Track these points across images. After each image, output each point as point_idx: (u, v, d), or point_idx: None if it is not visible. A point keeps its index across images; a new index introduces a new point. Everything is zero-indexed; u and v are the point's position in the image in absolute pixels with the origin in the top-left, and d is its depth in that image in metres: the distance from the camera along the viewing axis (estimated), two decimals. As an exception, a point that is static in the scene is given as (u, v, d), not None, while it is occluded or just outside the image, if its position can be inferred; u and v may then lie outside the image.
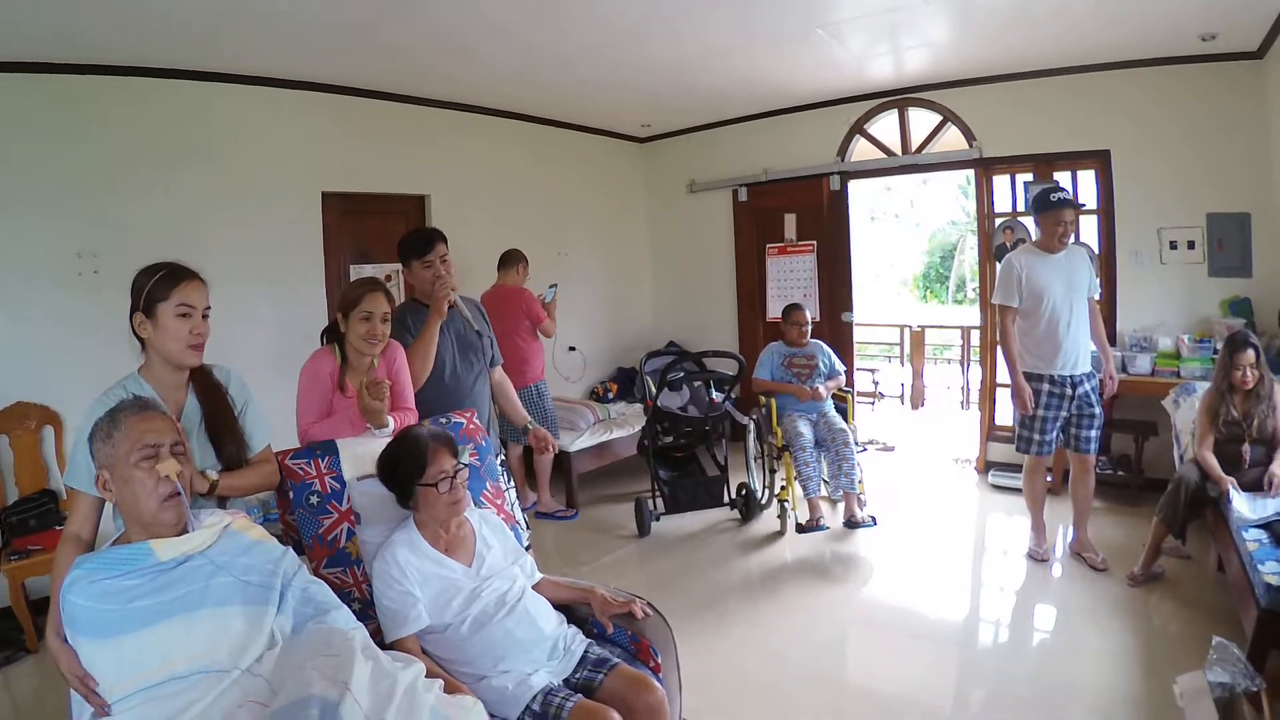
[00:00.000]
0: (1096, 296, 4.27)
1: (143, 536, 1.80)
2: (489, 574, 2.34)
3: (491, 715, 1.95)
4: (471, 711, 1.82)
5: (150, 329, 2.09)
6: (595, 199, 7.26)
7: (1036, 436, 4.21)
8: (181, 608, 1.74)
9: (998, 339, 4.25)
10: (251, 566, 1.88)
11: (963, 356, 9.76)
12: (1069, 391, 4.14)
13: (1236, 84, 4.91)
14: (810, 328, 5.16)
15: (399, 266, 5.50)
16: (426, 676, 1.87)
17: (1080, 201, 4.07)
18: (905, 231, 20.02)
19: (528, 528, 3.19)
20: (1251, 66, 4.85)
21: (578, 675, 2.25)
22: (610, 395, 6.84)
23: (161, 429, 1.85)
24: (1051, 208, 4.06)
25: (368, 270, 5.27)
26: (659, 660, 2.41)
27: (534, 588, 2.44)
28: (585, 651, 2.33)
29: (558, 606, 2.47)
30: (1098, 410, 4.18)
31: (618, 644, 2.47)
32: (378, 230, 5.49)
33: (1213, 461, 3.70)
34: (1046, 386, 4.15)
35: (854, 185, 6.68)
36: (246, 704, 1.68)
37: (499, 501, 2.79)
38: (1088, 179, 5.53)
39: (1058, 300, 4.08)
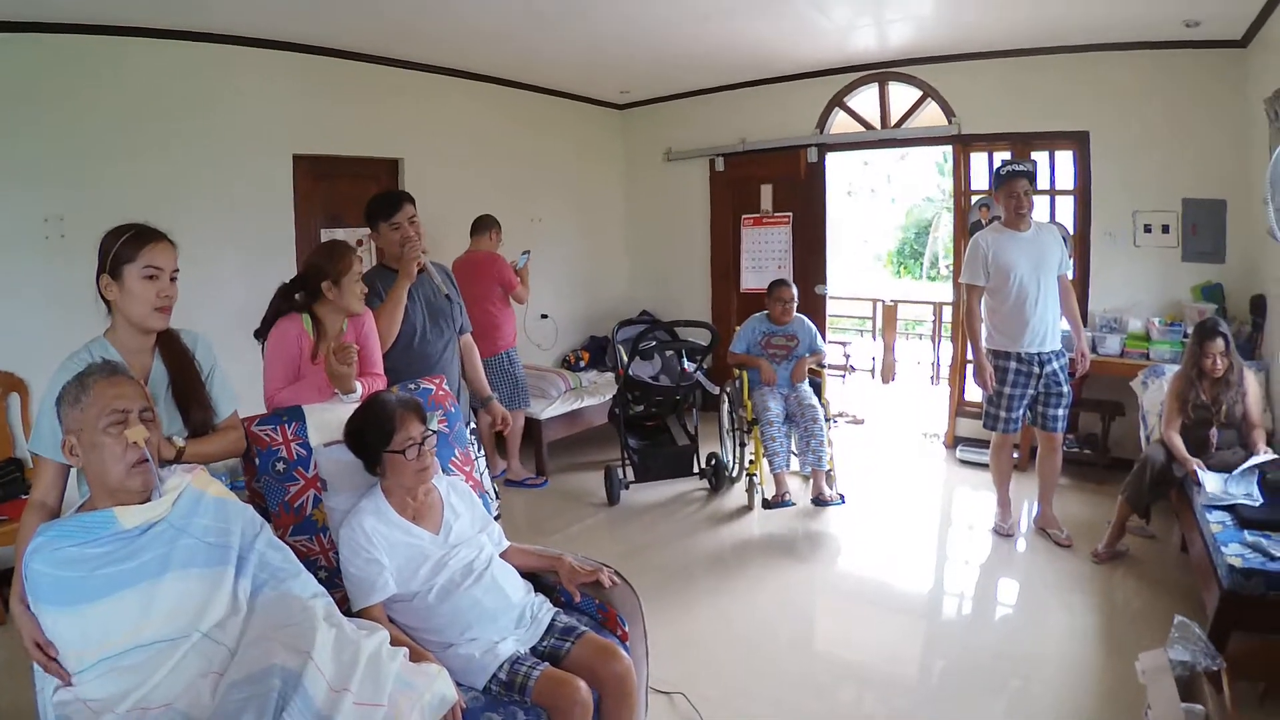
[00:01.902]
0: (1069, 274, 4.29)
1: (108, 503, 1.77)
2: (456, 542, 2.32)
3: (458, 683, 1.95)
4: (436, 679, 1.82)
5: (116, 291, 2.03)
6: (571, 165, 7.18)
7: (1003, 414, 4.25)
8: (145, 575, 1.71)
9: (964, 317, 4.26)
10: (209, 527, 1.86)
11: (934, 332, 9.81)
12: (1036, 370, 4.17)
13: (1218, 71, 4.92)
14: (794, 304, 5.11)
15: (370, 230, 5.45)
16: (391, 645, 1.86)
17: (1034, 172, 4.07)
18: (881, 206, 20.04)
19: (496, 496, 3.18)
20: (1234, 55, 4.85)
21: (545, 643, 2.25)
22: (582, 363, 6.81)
23: (130, 394, 1.81)
24: (1004, 180, 4.11)
25: (340, 234, 5.18)
26: (626, 629, 2.42)
27: (501, 556, 2.44)
28: (552, 620, 2.33)
29: (525, 574, 2.47)
30: (1065, 389, 4.22)
31: (585, 612, 2.48)
32: (350, 193, 5.38)
33: (1179, 444, 3.76)
34: (1014, 364, 4.18)
35: (832, 158, 6.66)
36: (209, 675, 1.67)
37: (467, 469, 2.77)
38: (1065, 159, 5.54)
39: (1024, 278, 4.10)
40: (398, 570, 2.19)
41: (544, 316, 6.75)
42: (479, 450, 3.09)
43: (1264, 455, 3.53)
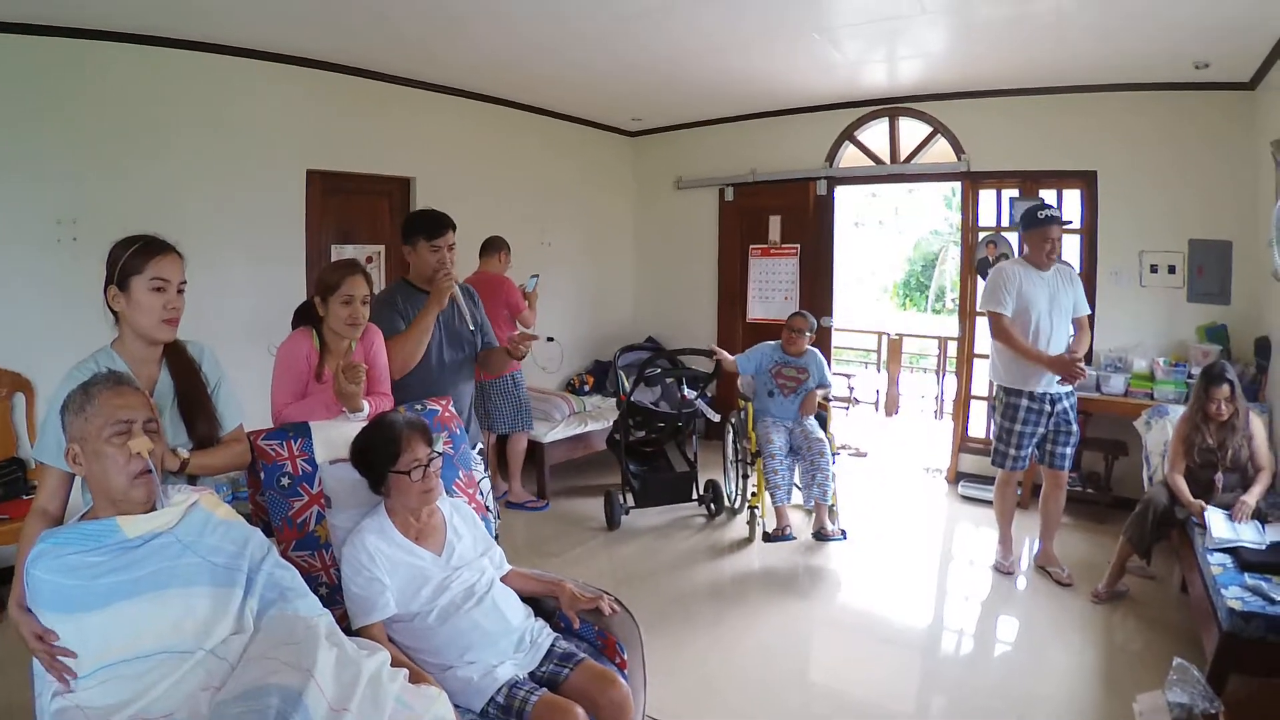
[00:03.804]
0: (1086, 313, 4.28)
1: (111, 513, 1.77)
2: (458, 564, 2.33)
3: (456, 706, 1.95)
4: (436, 701, 1.82)
5: (124, 302, 2.05)
6: (582, 190, 7.23)
7: (1012, 451, 4.24)
8: (147, 586, 1.72)
9: (998, 343, 4.22)
10: (218, 547, 1.86)
11: (939, 366, 9.82)
12: (1047, 408, 4.17)
13: (1227, 113, 4.97)
14: (810, 336, 5.10)
15: (380, 248, 5.48)
16: (391, 665, 1.86)
17: (1066, 219, 4.07)
18: (888, 239, 20.09)
19: (498, 516, 3.18)
20: (1243, 97, 4.91)
21: (543, 669, 2.25)
22: (586, 388, 6.83)
23: (135, 405, 1.82)
24: (1039, 224, 4.09)
25: (349, 251, 5.22)
26: (625, 657, 2.41)
27: (502, 579, 2.44)
28: (552, 645, 2.32)
29: (525, 599, 2.47)
30: (1074, 428, 4.22)
31: (584, 639, 2.47)
32: (361, 211, 5.45)
33: (1183, 486, 3.76)
34: (1025, 402, 4.18)
35: (840, 191, 6.71)
36: (209, 688, 1.66)
37: (471, 491, 2.77)
38: (1073, 198, 5.59)
39: (1042, 316, 4.11)
40: (399, 590, 2.19)
41: (550, 340, 6.76)
42: (485, 471, 3.10)
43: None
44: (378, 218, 5.57)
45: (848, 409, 8.94)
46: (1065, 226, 4.12)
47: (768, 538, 4.67)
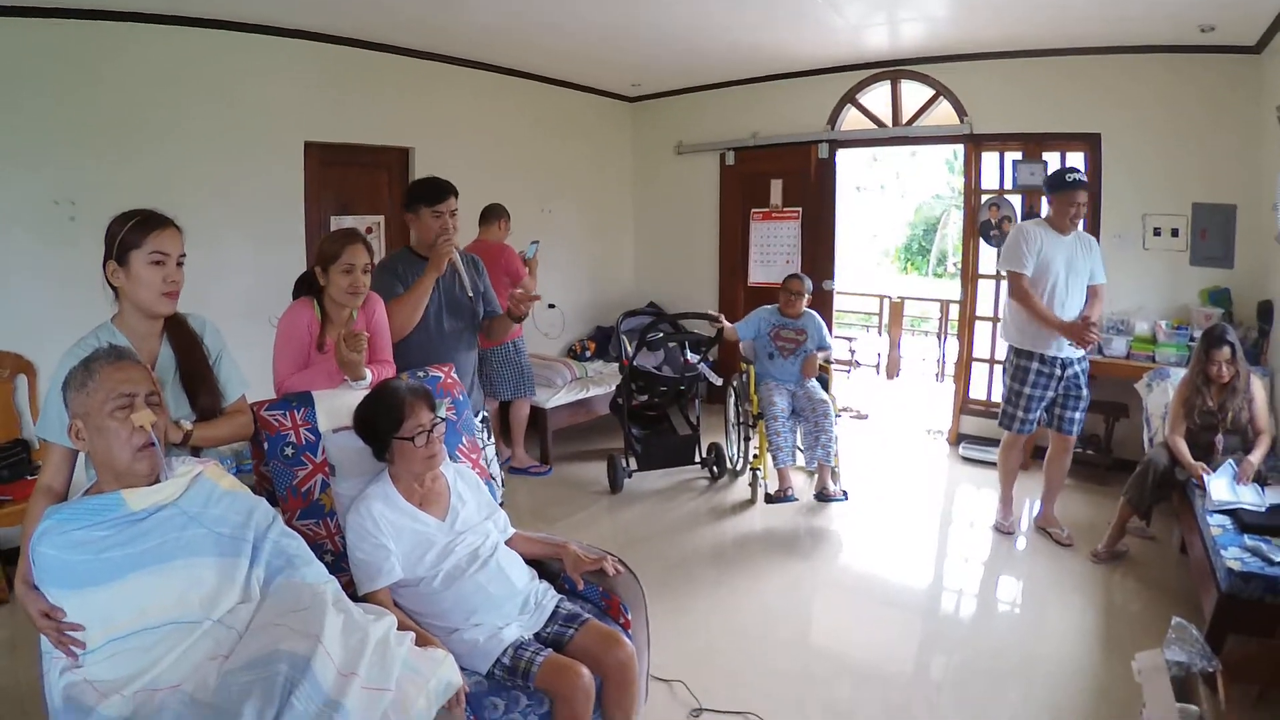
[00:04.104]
0: (1101, 282, 4.23)
1: (115, 487, 1.78)
2: (463, 528, 2.35)
3: (463, 668, 1.97)
4: (442, 664, 1.84)
5: (123, 277, 2.05)
6: (582, 157, 7.19)
7: (1020, 414, 4.25)
8: (153, 559, 1.72)
9: (1014, 303, 4.20)
10: (223, 518, 1.87)
11: (940, 329, 9.83)
12: (1058, 372, 4.16)
13: (1232, 77, 4.91)
14: (808, 298, 5.11)
15: (380, 219, 5.47)
16: (398, 630, 1.89)
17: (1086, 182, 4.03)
18: (890, 203, 19.99)
19: (502, 484, 3.21)
20: (1248, 60, 4.85)
21: (548, 630, 2.28)
22: (588, 353, 6.84)
23: (137, 378, 1.82)
24: (1066, 188, 4.05)
25: (348, 222, 5.20)
26: (629, 617, 2.45)
27: (506, 543, 2.47)
28: (556, 607, 2.36)
29: (529, 561, 2.50)
30: (1085, 392, 4.22)
31: (588, 600, 2.51)
32: (360, 182, 5.42)
33: (1183, 448, 3.77)
34: (1036, 364, 4.17)
35: (842, 154, 6.66)
36: (217, 658, 1.68)
37: (474, 456, 2.79)
38: (1076, 160, 5.51)
39: (1059, 280, 4.08)
40: (404, 556, 2.21)
41: (551, 306, 6.77)
42: (488, 438, 3.11)
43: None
44: (377, 189, 5.54)
45: (849, 372, 8.97)
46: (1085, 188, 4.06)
47: (770, 499, 4.72)
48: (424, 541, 2.26)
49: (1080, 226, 4.16)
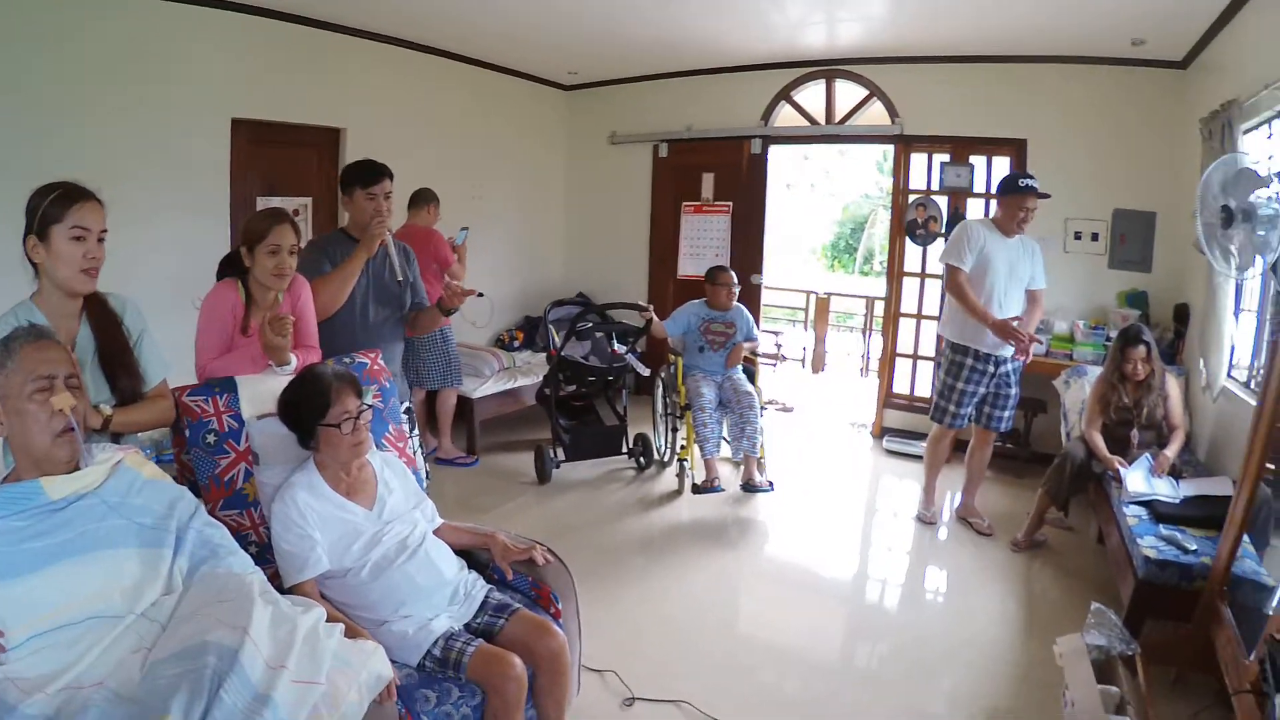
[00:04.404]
0: (1040, 287, 4.34)
1: (33, 474, 1.71)
2: (390, 518, 2.32)
3: (393, 661, 1.94)
4: (373, 656, 1.81)
5: (43, 253, 1.98)
6: (515, 143, 7.10)
7: (952, 409, 4.35)
8: (74, 550, 1.66)
9: (951, 296, 4.29)
10: (144, 507, 1.81)
11: (865, 325, 10.03)
12: (992, 369, 4.27)
13: (1159, 89, 5.13)
14: (736, 291, 5.16)
15: (308, 200, 5.32)
16: (327, 621, 1.84)
17: (1045, 193, 4.14)
18: (819, 201, 20.29)
19: (428, 475, 3.16)
20: (1175, 75, 5.07)
21: (479, 620, 2.27)
22: (516, 343, 6.77)
23: (57, 359, 1.76)
24: (1018, 192, 4.12)
25: (276, 203, 5.03)
26: (559, 606, 2.45)
27: (434, 533, 2.44)
28: (486, 597, 2.34)
29: (458, 552, 2.48)
30: (1015, 390, 4.34)
31: (518, 590, 2.50)
32: (288, 162, 5.25)
33: (1100, 442, 3.94)
34: (970, 360, 4.27)
35: (775, 151, 6.74)
36: (141, 651, 1.63)
37: (401, 445, 2.75)
38: (1002, 165, 5.71)
39: (997, 281, 4.17)
40: (330, 546, 2.17)
41: (479, 295, 6.64)
42: (413, 429, 3.07)
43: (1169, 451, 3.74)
44: (306, 169, 5.38)
45: (775, 365, 9.08)
46: (1045, 198, 4.17)
47: (697, 489, 4.75)
48: (351, 531, 2.22)
49: (1025, 230, 4.26)
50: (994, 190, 5.46)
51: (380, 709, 1.78)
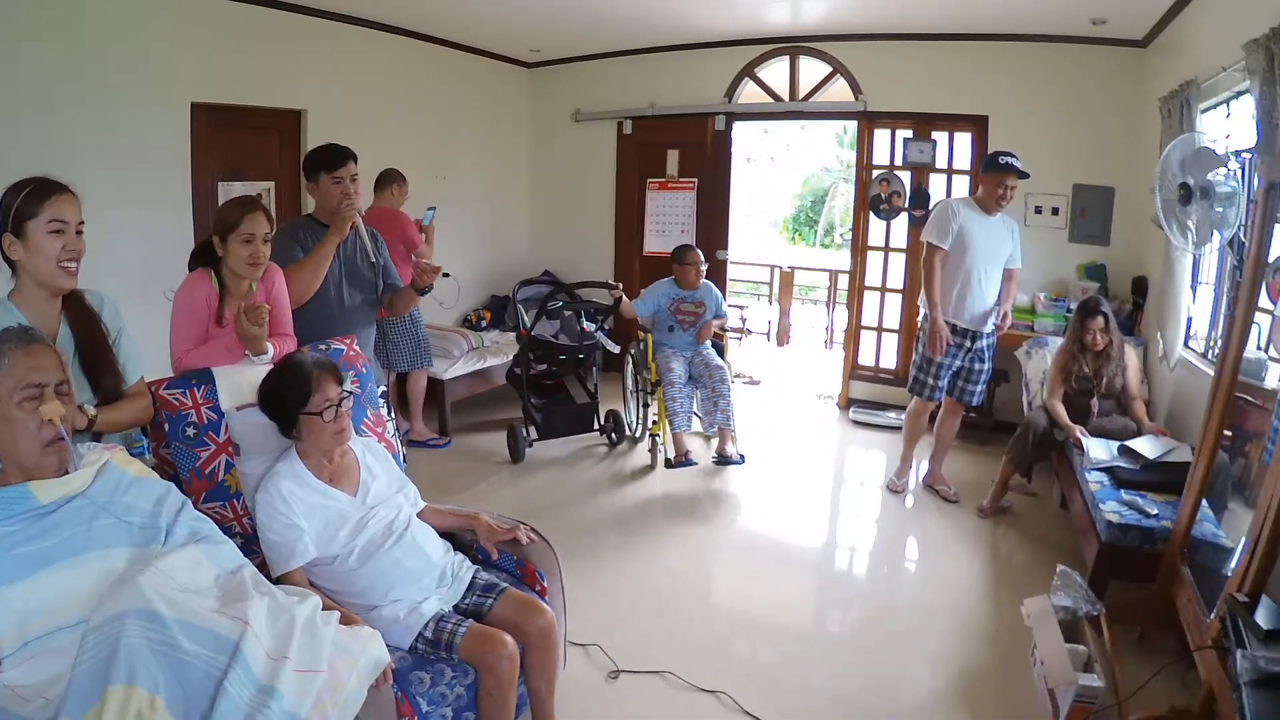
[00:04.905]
0: (1017, 266, 4.43)
1: (20, 478, 1.69)
2: (375, 503, 2.33)
3: (386, 645, 1.95)
4: (371, 641, 1.83)
5: (21, 250, 1.95)
6: (478, 122, 7.04)
7: (931, 381, 4.44)
8: (65, 553, 1.64)
9: (922, 275, 4.39)
10: (133, 506, 1.80)
11: (829, 298, 10.13)
12: (968, 344, 4.37)
13: (1119, 68, 5.23)
14: (703, 269, 5.18)
15: (271, 185, 5.24)
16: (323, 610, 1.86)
17: (1026, 173, 4.22)
18: (779, 175, 20.36)
19: (404, 459, 3.17)
20: (1135, 54, 5.18)
21: (467, 601, 2.30)
22: (484, 323, 6.75)
23: (47, 366, 1.73)
24: (997, 169, 4.18)
25: (238, 188, 4.95)
26: (545, 584, 2.49)
27: (418, 516, 2.45)
28: (473, 578, 2.38)
29: (442, 534, 2.49)
30: (988, 365, 4.45)
31: (503, 569, 2.55)
32: (250, 146, 5.16)
33: (1061, 411, 4.05)
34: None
35: (738, 127, 6.77)
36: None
37: (380, 430, 2.76)
38: (964, 141, 5.81)
39: (978, 257, 4.25)
40: (317, 534, 2.18)
41: (446, 275, 6.61)
42: (389, 413, 3.07)
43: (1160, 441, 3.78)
44: (267, 153, 5.29)
45: (740, 339, 9.15)
46: (1025, 178, 4.25)
47: (670, 464, 4.81)
48: (337, 518, 2.23)
49: (941, 197, 4.33)
50: (974, 168, 5.60)
51: (377, 693, 1.81)
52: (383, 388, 3.22)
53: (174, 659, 1.51)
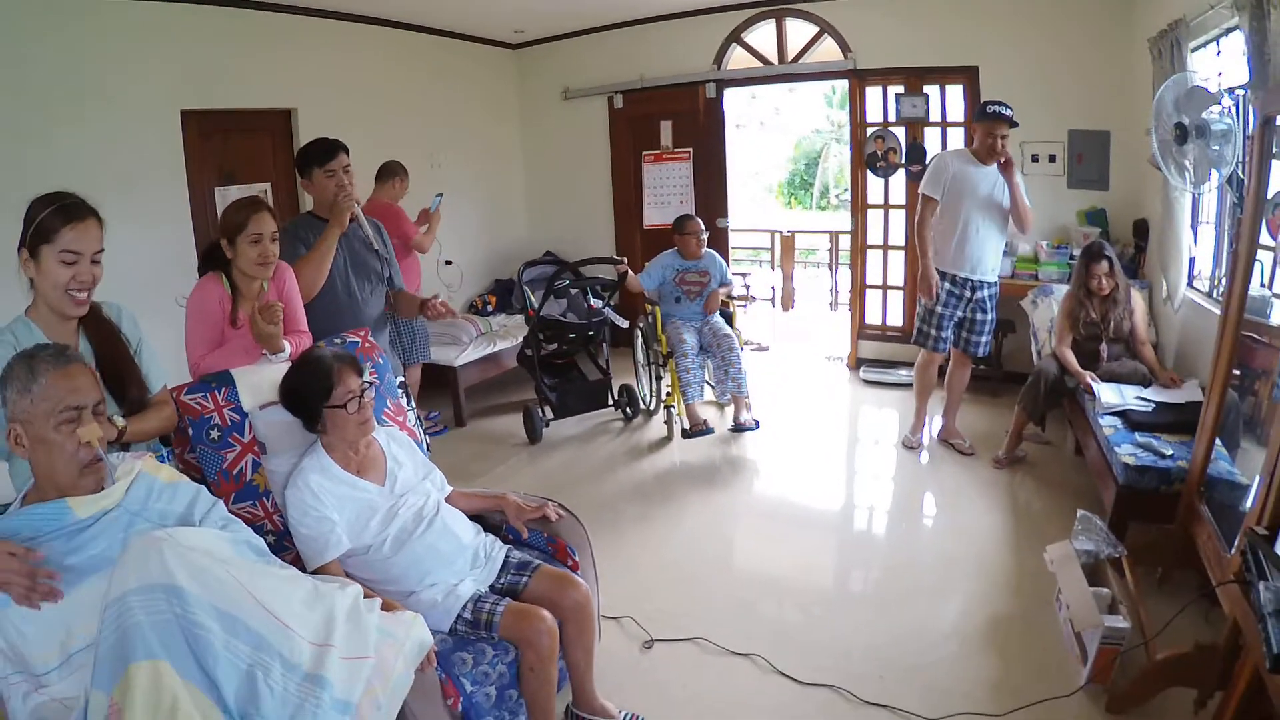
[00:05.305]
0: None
1: (55, 495, 1.69)
2: (403, 491, 2.36)
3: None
4: (414, 625, 1.87)
5: (33, 269, 1.93)
6: (467, 108, 7.02)
7: (934, 332, 4.47)
8: (102, 564, 1.65)
9: (915, 225, 4.46)
10: (166, 511, 1.82)
11: (831, 260, 10.10)
12: (967, 294, 4.39)
13: (1106, 11, 5.17)
14: (704, 238, 5.18)
15: (267, 186, 5.24)
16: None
17: (1015, 121, 4.23)
18: (770, 139, 20.22)
19: (428, 447, 3.20)
20: None
21: (502, 580, 2.33)
22: (490, 308, 6.77)
23: (85, 387, 1.72)
24: (984, 118, 4.21)
25: (234, 192, 4.94)
26: (576, 559, 2.53)
27: (445, 500, 2.48)
28: (506, 557, 2.41)
29: (470, 517, 2.52)
30: (991, 315, 4.46)
31: (534, 547, 2.57)
32: (243, 149, 5.16)
33: (1071, 358, 4.07)
34: (947, 285, 4.39)
35: (729, 93, 6.73)
36: None
37: (400, 418, 2.79)
38: (956, 93, 5.76)
39: (973, 207, 4.27)
40: (349, 525, 2.20)
41: (448, 262, 6.65)
42: (409, 402, 3.10)
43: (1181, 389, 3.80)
44: (260, 154, 5.29)
45: (745, 306, 9.14)
46: (1015, 126, 4.24)
47: (687, 434, 4.83)
48: (367, 508, 2.26)
49: (937, 150, 4.32)
50: (968, 119, 5.56)
51: (422, 676, 1.85)
52: (400, 377, 3.25)
53: (203, 640, 1.53)
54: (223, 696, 1.51)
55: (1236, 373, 2.84)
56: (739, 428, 4.86)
